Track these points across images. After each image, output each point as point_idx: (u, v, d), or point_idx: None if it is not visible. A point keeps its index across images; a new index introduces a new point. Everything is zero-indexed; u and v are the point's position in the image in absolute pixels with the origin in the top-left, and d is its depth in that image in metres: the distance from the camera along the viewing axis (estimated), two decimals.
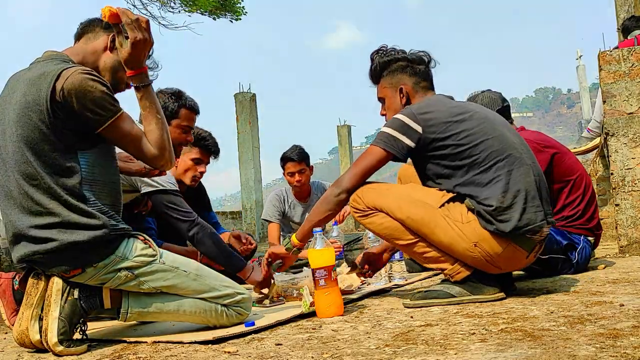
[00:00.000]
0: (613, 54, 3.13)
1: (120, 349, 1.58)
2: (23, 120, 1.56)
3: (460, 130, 1.88)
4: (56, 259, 1.56)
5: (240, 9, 11.24)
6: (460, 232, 1.84)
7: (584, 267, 2.48)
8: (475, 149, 1.87)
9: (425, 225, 1.88)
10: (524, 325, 1.44)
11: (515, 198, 1.82)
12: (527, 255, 1.88)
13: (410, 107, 1.98)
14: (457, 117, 1.91)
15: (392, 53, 2.12)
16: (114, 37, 1.69)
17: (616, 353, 1.12)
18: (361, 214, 1.97)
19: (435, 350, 1.27)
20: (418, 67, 2.10)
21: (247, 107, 12.10)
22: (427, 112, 1.93)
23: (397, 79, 2.10)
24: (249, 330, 1.65)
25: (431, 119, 1.91)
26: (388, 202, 1.92)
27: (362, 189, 1.98)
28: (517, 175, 1.85)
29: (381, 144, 1.96)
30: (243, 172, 12.13)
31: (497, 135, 1.90)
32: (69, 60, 1.67)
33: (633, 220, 3.01)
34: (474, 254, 1.84)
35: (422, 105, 1.98)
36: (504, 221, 1.80)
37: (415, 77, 2.09)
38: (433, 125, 1.90)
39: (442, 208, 1.87)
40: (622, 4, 6.32)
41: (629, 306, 1.59)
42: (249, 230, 11.90)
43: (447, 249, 1.89)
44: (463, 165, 1.88)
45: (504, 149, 1.88)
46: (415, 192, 1.95)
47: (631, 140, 3.03)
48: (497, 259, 1.84)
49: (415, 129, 1.91)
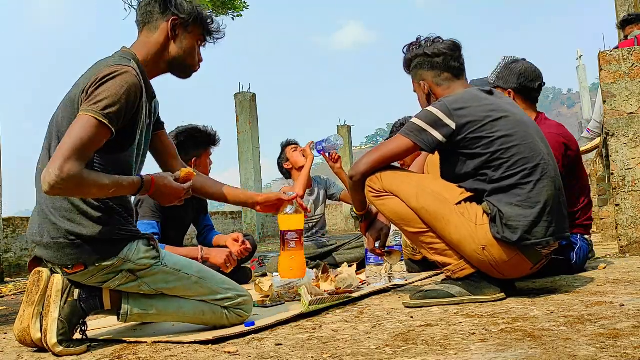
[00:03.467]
0: (613, 54, 3.13)
1: (120, 349, 1.58)
2: (63, 111, 1.58)
3: (495, 131, 1.85)
4: (60, 248, 1.55)
5: (242, 4, 11.18)
6: (472, 233, 1.83)
7: (583, 266, 2.48)
8: (506, 153, 1.84)
9: (438, 220, 1.86)
10: (524, 326, 1.44)
11: (530, 209, 1.80)
12: (532, 266, 1.88)
13: (445, 100, 1.92)
14: (493, 117, 1.87)
15: (413, 49, 2.10)
16: (173, 22, 1.69)
17: (616, 353, 1.12)
18: (376, 194, 1.96)
19: (435, 350, 1.27)
20: (436, 60, 2.05)
21: (247, 107, 12.11)
22: (462, 107, 1.88)
23: (419, 74, 2.10)
24: (249, 330, 1.65)
25: (466, 115, 1.87)
26: (406, 189, 1.91)
27: (383, 171, 1.97)
28: (540, 187, 1.82)
29: (410, 134, 1.92)
30: (243, 172, 12.13)
31: (529, 142, 1.86)
32: (130, 57, 1.64)
33: (633, 220, 3.01)
34: (481, 257, 1.83)
35: (457, 99, 1.92)
36: (510, 229, 1.79)
37: (435, 70, 2.06)
38: (467, 124, 1.86)
39: (458, 205, 1.86)
40: (622, 4, 6.33)
41: (629, 306, 1.58)
42: (249, 230, 11.90)
43: (455, 246, 1.88)
44: (489, 167, 1.85)
45: (534, 157, 1.85)
46: (434, 184, 1.93)
47: (631, 140, 3.03)
48: (502, 266, 1.84)
49: (447, 123, 1.87)
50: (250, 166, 12.01)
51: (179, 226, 2.94)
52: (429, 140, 1.89)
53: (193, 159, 2.81)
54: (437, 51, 2.05)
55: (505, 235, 1.79)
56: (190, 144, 2.82)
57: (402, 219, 1.94)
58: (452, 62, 2.05)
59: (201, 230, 3.07)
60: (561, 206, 1.89)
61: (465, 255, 1.87)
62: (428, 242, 1.93)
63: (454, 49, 2.06)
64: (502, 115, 1.88)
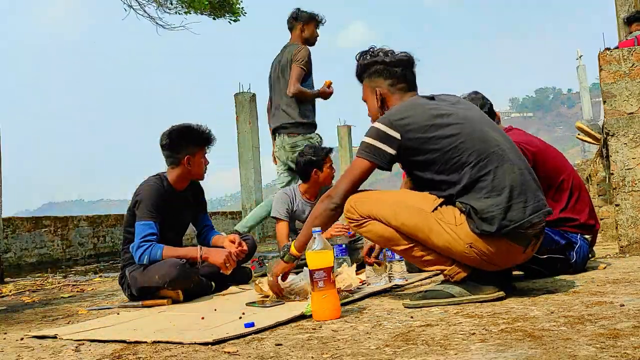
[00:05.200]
0: (613, 54, 3.13)
1: (120, 349, 1.58)
2: None
3: (440, 134, 1.88)
4: None
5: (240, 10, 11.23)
6: (454, 235, 1.84)
7: (583, 266, 2.48)
8: (456, 151, 1.86)
9: (420, 231, 1.88)
10: (524, 326, 1.44)
11: (498, 197, 1.81)
12: (524, 250, 1.88)
13: (387, 114, 1.98)
14: (435, 120, 1.90)
15: (371, 56, 2.13)
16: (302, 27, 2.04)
17: (616, 353, 1.12)
18: (356, 223, 1.98)
19: (435, 350, 1.27)
20: (395, 69, 2.08)
21: (247, 107, 12.10)
22: (403, 117, 1.93)
23: (374, 82, 2.11)
24: (249, 330, 1.65)
25: (408, 124, 1.91)
26: (382, 210, 1.93)
27: (356, 198, 1.98)
28: (500, 174, 1.84)
29: (364, 154, 1.97)
30: (243, 172, 12.13)
31: (478, 136, 1.89)
32: None
33: (633, 220, 3.01)
34: (470, 254, 1.84)
35: (398, 110, 1.97)
36: (487, 221, 1.80)
37: (391, 79, 2.09)
38: (411, 131, 1.90)
39: (435, 212, 1.87)
40: (622, 4, 6.33)
41: (629, 306, 1.58)
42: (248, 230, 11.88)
43: (444, 252, 1.89)
44: (447, 169, 1.87)
45: (486, 147, 1.87)
46: (408, 198, 1.96)
47: (631, 140, 3.03)
48: (493, 257, 1.85)
49: (393, 136, 1.91)
50: (250, 166, 12.00)
51: (178, 226, 2.93)
52: (382, 155, 1.93)
53: (186, 157, 2.76)
54: (396, 61, 2.09)
55: (484, 228, 1.80)
56: (182, 142, 2.76)
57: (387, 240, 1.96)
58: (409, 74, 2.11)
59: (200, 230, 3.06)
60: (530, 184, 1.89)
61: (456, 257, 1.89)
62: (419, 256, 1.94)
63: (411, 62, 2.12)
64: (445, 116, 1.91)
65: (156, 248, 2.59)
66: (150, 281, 2.54)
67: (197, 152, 2.79)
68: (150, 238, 2.61)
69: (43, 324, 2.26)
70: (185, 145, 2.77)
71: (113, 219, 9.58)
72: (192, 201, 2.97)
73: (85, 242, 8.84)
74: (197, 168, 2.81)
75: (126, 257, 2.74)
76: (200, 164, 2.82)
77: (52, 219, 8.29)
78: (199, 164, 2.81)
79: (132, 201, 2.74)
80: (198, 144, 2.80)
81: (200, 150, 2.81)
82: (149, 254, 2.57)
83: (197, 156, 2.79)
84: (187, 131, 2.79)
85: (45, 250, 8.00)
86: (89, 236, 8.91)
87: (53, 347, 1.70)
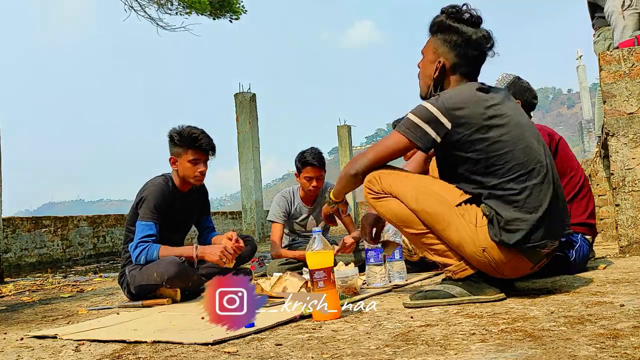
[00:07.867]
0: (613, 54, 3.13)
1: (120, 349, 1.58)
2: None
3: (489, 137, 1.80)
4: None
5: (240, 8, 11.23)
6: (472, 235, 1.82)
7: (583, 266, 2.48)
8: (500, 159, 1.80)
9: (438, 221, 1.85)
10: (524, 326, 1.44)
11: (528, 214, 1.78)
12: (532, 266, 1.87)
13: (444, 97, 1.85)
14: (490, 121, 1.81)
15: (458, 21, 1.93)
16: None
17: (616, 353, 1.12)
18: (375, 195, 1.93)
19: (435, 350, 1.27)
20: (473, 52, 1.94)
21: (247, 107, 12.11)
22: (460, 107, 1.82)
23: (443, 49, 1.96)
24: (249, 331, 1.65)
25: (463, 116, 1.81)
26: (405, 191, 1.89)
27: (382, 171, 1.94)
28: (536, 193, 1.80)
29: (406, 132, 1.88)
30: (243, 172, 12.13)
31: (525, 146, 1.83)
32: None
33: (633, 220, 3.01)
34: (481, 258, 1.83)
35: (455, 97, 1.84)
36: (509, 233, 1.78)
37: (461, 58, 1.94)
38: (463, 125, 1.81)
39: (458, 207, 1.84)
40: None
41: (629, 306, 1.58)
42: (248, 230, 11.90)
43: (455, 248, 1.87)
44: (485, 172, 1.83)
45: (529, 161, 1.82)
46: (434, 185, 1.91)
47: (631, 140, 3.03)
48: (502, 267, 1.84)
49: (443, 123, 1.82)
50: (250, 166, 12.01)
51: (180, 227, 2.93)
52: (425, 138, 1.85)
53: (171, 158, 2.76)
54: (477, 44, 1.93)
55: (503, 238, 1.79)
56: (170, 143, 2.77)
57: (401, 221, 1.92)
58: (481, 61, 1.98)
59: (202, 232, 3.06)
60: (561, 209, 1.88)
61: (465, 256, 1.87)
62: (428, 244, 1.92)
63: (490, 48, 1.96)
64: (499, 119, 1.83)
65: (153, 248, 2.60)
66: (149, 279, 2.54)
67: (183, 154, 2.73)
68: (149, 239, 2.62)
69: (43, 324, 2.26)
70: (172, 146, 2.77)
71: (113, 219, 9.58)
72: (198, 203, 2.97)
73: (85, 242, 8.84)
74: (184, 170, 2.75)
75: (126, 256, 2.75)
76: (188, 166, 2.74)
77: (52, 219, 8.29)
78: (185, 167, 2.74)
79: (137, 199, 2.74)
80: (182, 146, 2.73)
81: (185, 153, 2.73)
82: (146, 254, 2.59)
83: (182, 158, 2.73)
84: (176, 132, 2.76)
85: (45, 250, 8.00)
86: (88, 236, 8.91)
87: (53, 347, 1.70)
